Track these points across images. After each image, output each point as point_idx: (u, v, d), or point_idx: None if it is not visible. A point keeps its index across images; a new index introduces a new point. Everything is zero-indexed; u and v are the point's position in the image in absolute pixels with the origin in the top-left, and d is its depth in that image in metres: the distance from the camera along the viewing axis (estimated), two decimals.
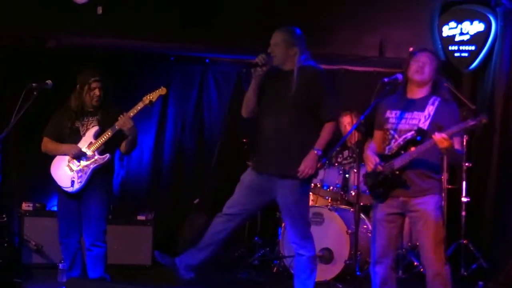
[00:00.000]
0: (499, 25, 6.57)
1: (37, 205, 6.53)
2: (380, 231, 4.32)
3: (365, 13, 6.77)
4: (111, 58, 6.99)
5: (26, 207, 6.45)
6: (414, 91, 4.37)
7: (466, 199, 6.31)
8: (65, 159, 5.12)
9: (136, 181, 7.41)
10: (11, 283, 5.51)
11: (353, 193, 6.20)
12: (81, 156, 5.07)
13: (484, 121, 4.02)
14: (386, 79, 4.32)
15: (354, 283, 5.73)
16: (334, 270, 5.86)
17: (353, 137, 6.06)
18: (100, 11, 6.39)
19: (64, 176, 5.10)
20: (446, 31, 6.76)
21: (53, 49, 6.92)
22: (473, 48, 6.68)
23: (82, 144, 5.10)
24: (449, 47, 6.75)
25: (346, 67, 7.49)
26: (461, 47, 6.71)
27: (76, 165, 5.08)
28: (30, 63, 6.78)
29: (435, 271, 4.21)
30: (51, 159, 5.19)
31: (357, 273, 5.45)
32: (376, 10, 6.76)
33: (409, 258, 6.29)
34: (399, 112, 4.34)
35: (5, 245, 6.21)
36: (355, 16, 6.79)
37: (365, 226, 6.03)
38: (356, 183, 4.48)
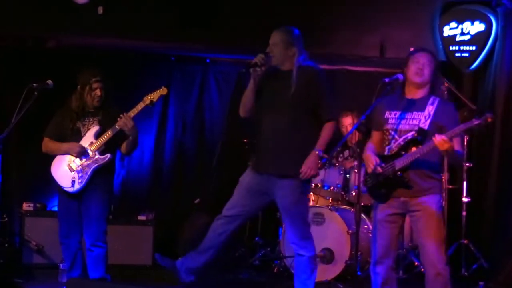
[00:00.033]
0: (499, 25, 6.56)
1: (38, 205, 6.53)
2: (381, 231, 4.32)
3: (365, 13, 6.77)
4: (112, 58, 6.99)
5: (26, 207, 6.46)
6: (413, 92, 4.36)
7: (466, 199, 6.31)
8: (65, 159, 5.11)
9: (136, 181, 7.41)
10: (12, 283, 5.50)
11: (354, 193, 6.20)
12: (84, 153, 5.07)
13: (489, 120, 4.00)
14: (386, 79, 4.32)
15: (354, 283, 5.73)
16: (334, 270, 5.86)
17: (354, 137, 6.06)
18: (101, 11, 6.39)
19: (64, 176, 5.09)
20: (446, 31, 6.76)
21: (53, 49, 6.92)
22: (473, 48, 6.68)
23: (83, 143, 5.09)
24: (450, 47, 6.75)
25: (346, 67, 7.48)
26: (461, 47, 6.71)
27: (76, 165, 5.07)
28: (30, 63, 6.78)
29: (436, 270, 4.19)
30: (51, 159, 5.18)
31: (358, 273, 5.46)
32: (376, 10, 6.76)
33: (409, 258, 6.29)
34: (399, 112, 4.33)
35: (6, 245, 6.21)
36: (356, 16, 6.79)
37: (366, 226, 6.03)
38: (356, 183, 4.47)
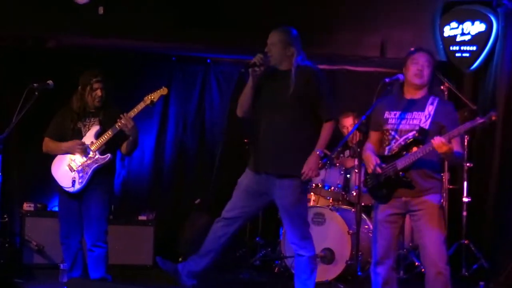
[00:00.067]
0: (500, 26, 6.56)
1: (38, 205, 6.53)
2: (381, 231, 4.32)
3: (366, 13, 6.77)
4: (112, 58, 6.99)
5: (27, 207, 6.46)
6: (412, 92, 4.36)
7: (467, 199, 6.31)
8: (66, 159, 5.11)
9: (137, 181, 7.41)
10: (12, 284, 5.50)
11: (354, 193, 6.19)
12: (85, 150, 5.05)
13: (494, 118, 4.00)
14: (387, 79, 4.32)
15: (355, 283, 5.73)
16: (335, 270, 5.85)
17: (355, 137, 6.05)
18: (101, 11, 6.39)
19: (65, 176, 5.09)
20: (447, 32, 6.76)
21: (53, 49, 6.92)
22: (474, 48, 6.68)
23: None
24: (451, 48, 6.75)
25: (347, 67, 7.48)
26: (462, 48, 6.71)
27: (77, 165, 5.07)
28: (30, 63, 6.78)
29: (437, 269, 4.19)
30: (52, 159, 5.18)
31: (359, 273, 5.46)
32: (377, 10, 6.76)
33: (410, 258, 6.29)
34: (399, 112, 4.32)
35: (6, 245, 6.21)
36: (356, 16, 6.79)
37: (366, 226, 6.03)
38: (357, 183, 4.47)
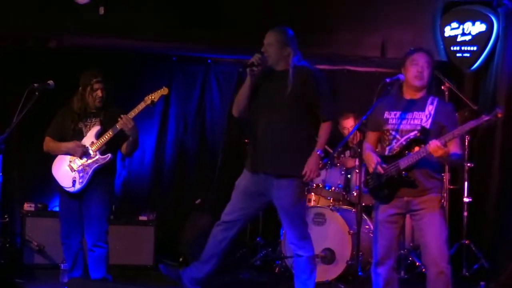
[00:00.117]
0: (500, 26, 6.57)
1: (39, 206, 6.52)
2: (382, 232, 4.31)
3: (366, 13, 6.77)
4: (113, 58, 6.99)
5: (28, 207, 6.45)
6: (412, 93, 4.36)
7: (468, 199, 6.31)
8: (66, 159, 5.11)
9: (137, 181, 7.40)
10: (13, 284, 5.50)
11: (355, 194, 6.19)
12: (86, 152, 5.06)
13: (499, 115, 3.99)
14: (387, 80, 4.31)
15: (356, 283, 5.73)
16: (335, 270, 5.85)
17: (355, 137, 6.05)
18: (102, 11, 6.39)
19: (65, 176, 5.09)
20: (448, 32, 6.76)
21: (54, 49, 6.92)
22: (475, 48, 6.68)
23: (84, 143, 5.09)
24: (451, 48, 6.75)
25: (347, 67, 7.47)
26: (463, 48, 6.71)
27: (77, 165, 5.07)
28: (31, 63, 6.78)
29: (438, 269, 4.19)
30: (52, 159, 5.18)
31: (359, 273, 5.45)
32: (377, 10, 6.76)
33: (411, 258, 6.28)
34: (399, 112, 4.32)
35: (7, 245, 6.20)
36: (357, 16, 6.79)
37: (367, 226, 6.03)
38: (358, 183, 4.47)
